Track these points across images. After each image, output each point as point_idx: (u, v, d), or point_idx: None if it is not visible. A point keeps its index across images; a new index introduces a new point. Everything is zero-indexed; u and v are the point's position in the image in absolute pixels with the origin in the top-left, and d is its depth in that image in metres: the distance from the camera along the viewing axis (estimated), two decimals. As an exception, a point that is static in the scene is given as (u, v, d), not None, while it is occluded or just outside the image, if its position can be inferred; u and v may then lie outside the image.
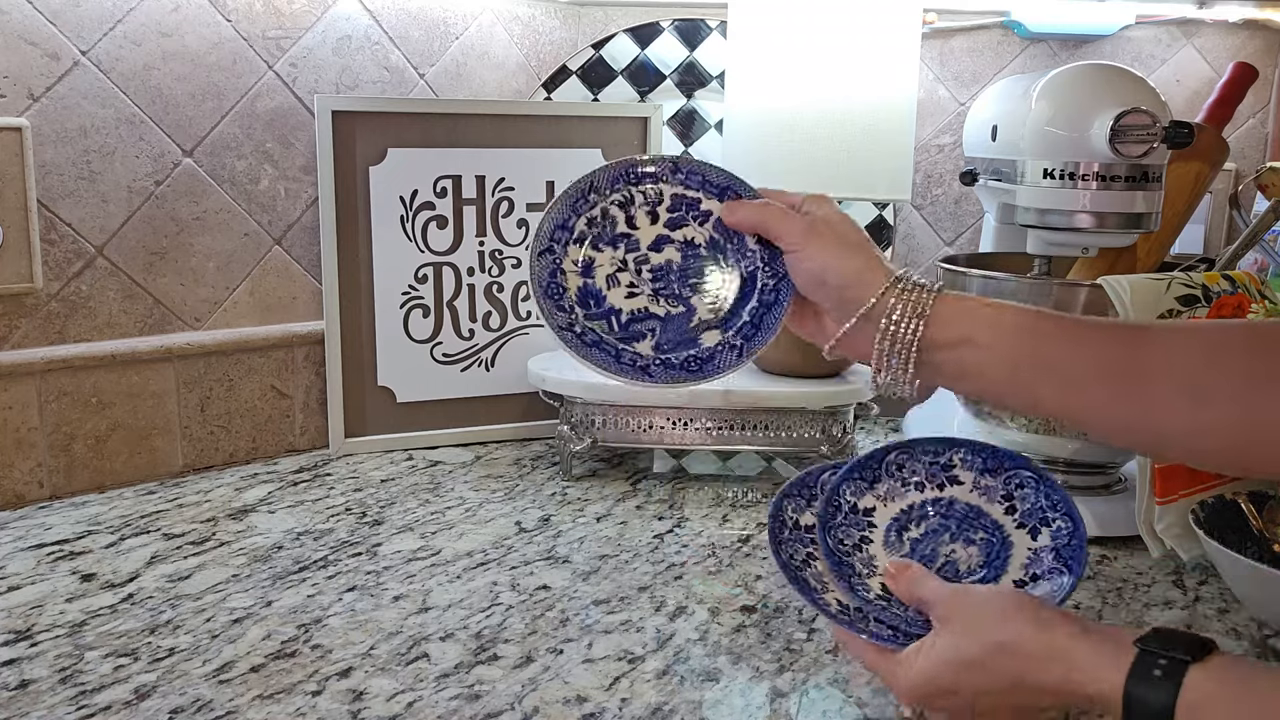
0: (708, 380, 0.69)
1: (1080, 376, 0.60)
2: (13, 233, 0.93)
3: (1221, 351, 0.59)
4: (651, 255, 0.71)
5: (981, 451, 0.76)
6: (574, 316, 0.69)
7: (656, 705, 0.65)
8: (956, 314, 0.62)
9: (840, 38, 1.04)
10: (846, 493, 0.75)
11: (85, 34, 0.96)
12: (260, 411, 1.10)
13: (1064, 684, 0.58)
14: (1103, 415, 0.61)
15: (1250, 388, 0.57)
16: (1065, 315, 0.63)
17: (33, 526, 0.91)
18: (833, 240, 0.65)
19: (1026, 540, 0.73)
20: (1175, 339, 0.60)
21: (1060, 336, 0.61)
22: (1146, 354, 0.59)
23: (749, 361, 0.69)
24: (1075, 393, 0.61)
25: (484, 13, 1.22)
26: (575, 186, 0.71)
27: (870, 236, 0.67)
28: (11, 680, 0.67)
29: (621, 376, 0.68)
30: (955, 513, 0.75)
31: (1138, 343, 0.60)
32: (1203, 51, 1.35)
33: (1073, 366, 0.60)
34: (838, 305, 0.65)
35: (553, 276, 0.70)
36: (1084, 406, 0.61)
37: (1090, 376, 0.60)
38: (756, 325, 0.69)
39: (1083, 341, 0.61)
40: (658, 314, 0.70)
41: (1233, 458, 0.60)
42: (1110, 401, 0.60)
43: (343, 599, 0.79)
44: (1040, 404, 0.63)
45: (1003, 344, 0.62)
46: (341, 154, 1.08)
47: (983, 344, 0.62)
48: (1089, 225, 0.93)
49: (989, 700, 0.61)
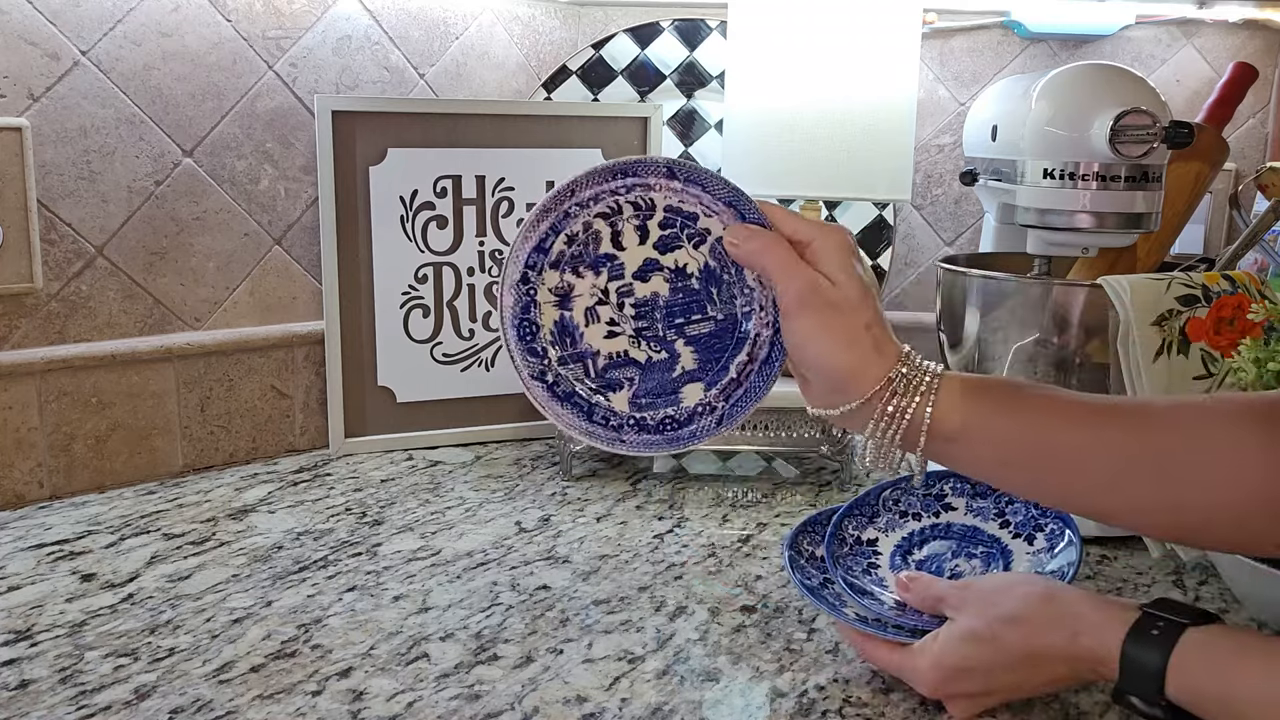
0: (683, 449, 0.64)
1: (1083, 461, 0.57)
2: (13, 233, 0.93)
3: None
4: (636, 285, 0.63)
5: (970, 478, 0.80)
6: (546, 362, 0.64)
7: (656, 705, 0.65)
8: (950, 410, 0.58)
9: (840, 38, 1.04)
10: (849, 527, 0.79)
11: (85, 34, 0.96)
12: (260, 411, 1.10)
13: (1071, 646, 0.59)
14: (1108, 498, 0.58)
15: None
16: (1064, 399, 0.59)
17: (33, 526, 0.91)
18: (830, 317, 0.58)
19: (1024, 546, 0.77)
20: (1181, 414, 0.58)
21: (1061, 423, 0.58)
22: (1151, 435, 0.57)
23: (730, 429, 0.63)
24: (1077, 476, 0.58)
25: (484, 13, 1.22)
26: (554, 196, 0.61)
27: (874, 278, 0.61)
28: (11, 680, 0.67)
29: (592, 440, 0.63)
30: (954, 533, 0.79)
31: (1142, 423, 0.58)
32: (1203, 51, 1.35)
33: (1077, 452, 0.57)
34: (827, 390, 0.59)
35: (526, 312, 0.63)
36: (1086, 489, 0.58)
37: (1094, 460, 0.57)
38: (740, 384, 0.63)
39: (1088, 425, 0.58)
40: (638, 360, 0.64)
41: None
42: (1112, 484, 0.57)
43: (343, 599, 0.79)
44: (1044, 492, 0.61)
45: (996, 440, 0.58)
46: (341, 154, 1.08)
47: (975, 440, 0.58)
48: (1089, 225, 0.93)
49: (1005, 679, 0.62)
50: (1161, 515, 0.58)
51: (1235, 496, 0.55)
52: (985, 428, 0.58)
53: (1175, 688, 0.55)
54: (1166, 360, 0.86)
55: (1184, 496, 0.56)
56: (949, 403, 0.58)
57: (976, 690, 0.62)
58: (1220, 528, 0.57)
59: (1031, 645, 0.60)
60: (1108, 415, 0.58)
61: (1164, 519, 0.59)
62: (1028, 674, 0.61)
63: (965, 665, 0.62)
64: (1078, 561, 0.71)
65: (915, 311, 1.39)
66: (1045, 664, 0.60)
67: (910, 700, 0.66)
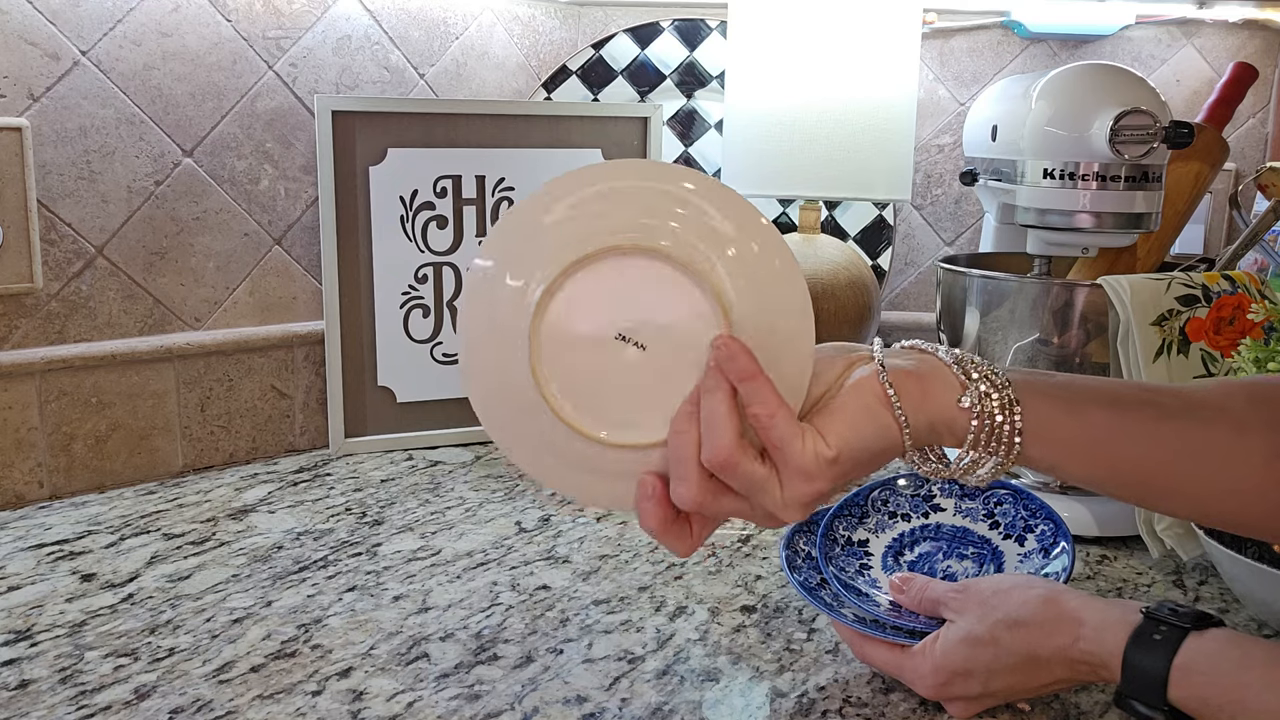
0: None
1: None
2: (13, 233, 0.93)
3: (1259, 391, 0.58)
4: None
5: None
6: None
7: (656, 705, 0.65)
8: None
9: (840, 38, 1.04)
10: (839, 527, 0.79)
11: (85, 34, 0.96)
12: (260, 411, 1.10)
13: (1072, 650, 0.59)
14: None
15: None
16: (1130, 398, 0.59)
17: (33, 526, 0.91)
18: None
19: (1014, 547, 0.77)
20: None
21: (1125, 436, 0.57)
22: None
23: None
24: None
25: (484, 13, 1.22)
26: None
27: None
28: (11, 680, 0.67)
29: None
30: (944, 534, 0.79)
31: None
32: (1203, 51, 1.35)
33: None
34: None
35: None
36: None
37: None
38: None
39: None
40: None
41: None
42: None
43: (343, 599, 0.79)
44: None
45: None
46: (341, 154, 1.08)
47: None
48: (1089, 225, 0.93)
49: (1002, 680, 0.62)
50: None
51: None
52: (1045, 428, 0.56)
53: (1177, 693, 0.54)
54: (1166, 360, 0.86)
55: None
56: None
57: (976, 692, 0.62)
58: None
59: (1032, 648, 0.60)
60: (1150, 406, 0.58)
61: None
62: (1028, 676, 0.61)
63: (965, 668, 0.62)
64: (1070, 565, 0.71)
65: (915, 311, 1.39)
66: (1046, 667, 0.60)
67: (910, 700, 0.66)
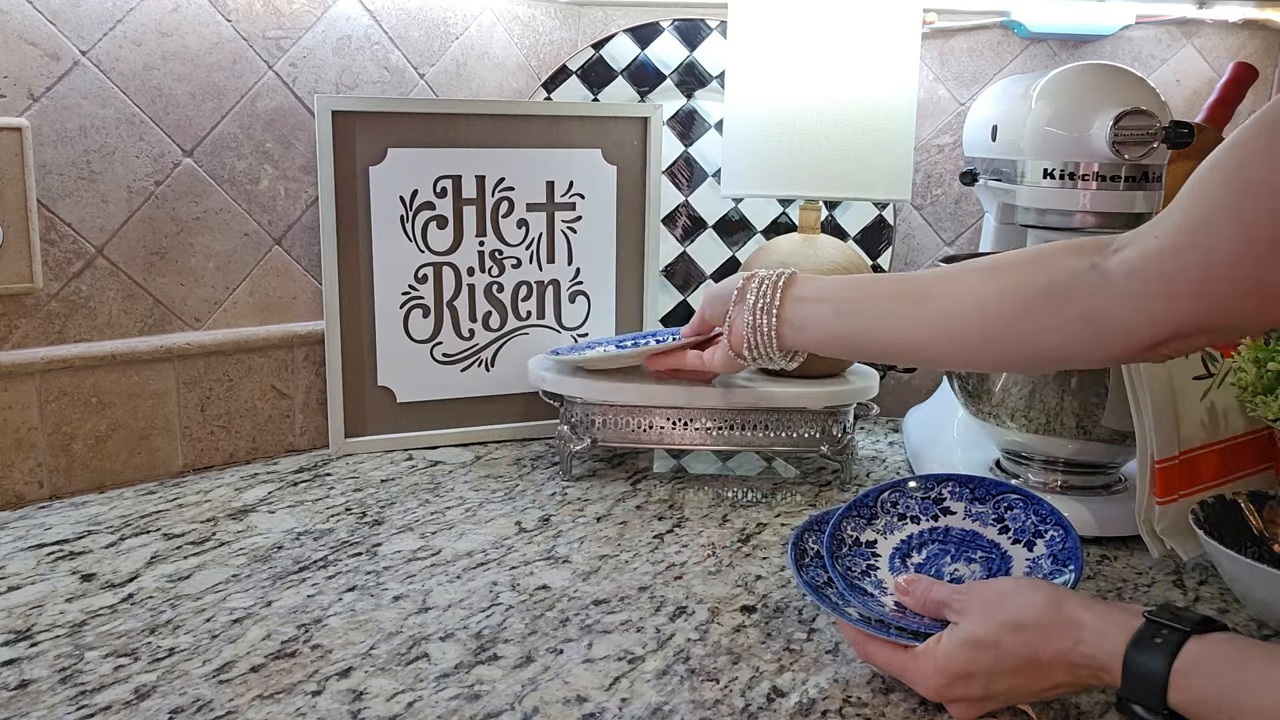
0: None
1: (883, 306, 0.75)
2: (13, 233, 0.93)
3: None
4: None
5: (969, 483, 0.81)
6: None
7: (656, 705, 0.65)
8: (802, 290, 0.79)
9: (840, 38, 1.04)
10: (848, 528, 0.79)
11: (85, 34, 0.96)
12: (260, 411, 1.10)
13: (1072, 653, 0.59)
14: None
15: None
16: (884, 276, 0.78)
17: (33, 526, 0.91)
18: None
19: (1023, 553, 0.77)
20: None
21: (872, 282, 0.77)
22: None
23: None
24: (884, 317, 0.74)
25: (484, 13, 1.22)
26: None
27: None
28: (11, 680, 0.67)
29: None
30: (952, 538, 0.79)
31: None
32: (1203, 51, 1.35)
33: (877, 301, 0.75)
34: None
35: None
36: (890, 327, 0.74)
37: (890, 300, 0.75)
38: None
39: (880, 280, 0.77)
40: None
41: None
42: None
43: (343, 599, 0.79)
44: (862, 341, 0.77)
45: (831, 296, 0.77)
46: (341, 154, 1.08)
47: (817, 298, 0.78)
48: (1089, 225, 0.93)
49: (1004, 683, 0.62)
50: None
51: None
52: (821, 288, 0.80)
53: (1178, 696, 0.55)
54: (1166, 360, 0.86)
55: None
56: (798, 288, 0.80)
57: (978, 694, 0.62)
58: None
59: (1034, 651, 0.60)
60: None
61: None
62: (1030, 679, 0.61)
63: (968, 670, 0.62)
64: (1078, 571, 0.71)
65: (915, 311, 1.39)
66: (1048, 670, 0.60)
67: (910, 700, 0.66)
